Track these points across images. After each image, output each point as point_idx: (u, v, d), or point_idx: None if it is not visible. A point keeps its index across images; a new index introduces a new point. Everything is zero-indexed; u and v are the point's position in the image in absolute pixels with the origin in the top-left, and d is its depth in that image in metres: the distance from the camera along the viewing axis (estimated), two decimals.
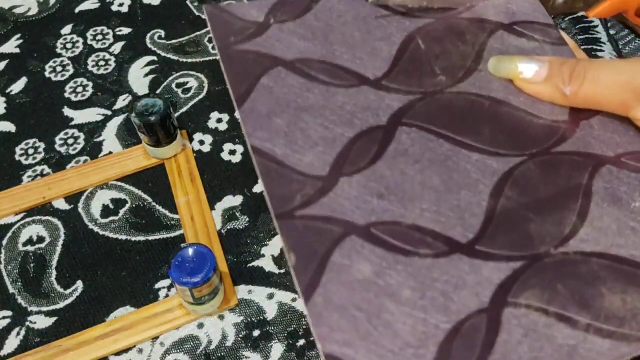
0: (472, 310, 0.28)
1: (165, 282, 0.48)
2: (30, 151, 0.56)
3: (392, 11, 0.38)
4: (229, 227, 0.51)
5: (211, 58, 0.61)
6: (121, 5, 0.66)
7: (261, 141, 0.32)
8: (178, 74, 0.60)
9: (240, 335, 0.46)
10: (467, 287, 0.28)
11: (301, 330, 0.46)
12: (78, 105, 0.59)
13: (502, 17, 0.39)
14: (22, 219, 0.52)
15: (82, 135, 0.56)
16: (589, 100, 0.34)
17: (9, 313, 0.47)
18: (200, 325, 0.46)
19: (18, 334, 0.46)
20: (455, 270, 0.29)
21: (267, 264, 0.49)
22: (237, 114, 0.57)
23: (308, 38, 0.36)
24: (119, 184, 0.53)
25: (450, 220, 0.30)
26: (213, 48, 0.62)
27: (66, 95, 0.59)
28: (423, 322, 0.27)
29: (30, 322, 0.47)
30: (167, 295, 0.48)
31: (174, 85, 0.60)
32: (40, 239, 0.51)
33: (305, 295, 0.27)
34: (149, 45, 0.63)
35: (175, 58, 0.61)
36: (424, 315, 0.27)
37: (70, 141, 0.56)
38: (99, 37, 0.64)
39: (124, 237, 0.51)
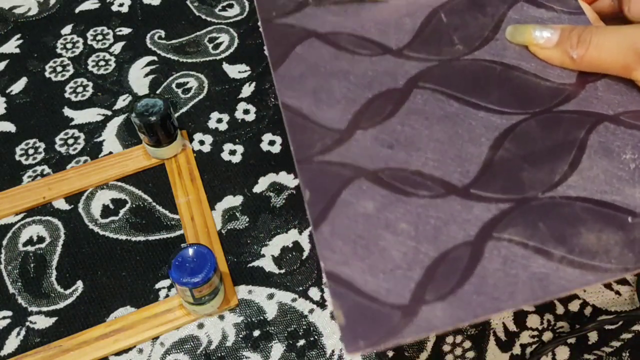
0: (458, 242, 0.31)
1: (165, 282, 0.48)
2: (30, 151, 0.56)
3: None
4: (229, 227, 0.51)
5: (211, 58, 0.61)
6: (121, 5, 0.66)
7: (290, 99, 0.36)
8: (178, 74, 0.60)
9: (240, 335, 0.46)
10: (457, 223, 0.32)
11: (301, 330, 0.46)
12: (78, 105, 0.59)
13: None
14: (22, 219, 0.52)
15: (82, 135, 0.56)
16: (594, 63, 0.36)
17: (9, 313, 0.47)
18: (200, 325, 0.46)
19: (18, 334, 0.46)
20: (449, 208, 0.32)
21: (267, 264, 0.49)
22: (237, 114, 0.57)
23: (341, 14, 0.40)
24: (119, 184, 0.53)
25: (450, 168, 0.34)
26: (213, 48, 0.62)
27: (66, 95, 0.59)
28: (414, 250, 0.31)
29: (30, 322, 0.47)
30: (167, 295, 0.48)
31: (174, 85, 0.60)
32: (40, 239, 0.51)
33: (315, 225, 0.31)
34: (149, 45, 0.63)
35: (175, 58, 0.62)
36: (415, 244, 0.31)
37: (70, 141, 0.56)
38: (99, 37, 0.64)
39: (124, 237, 0.51)
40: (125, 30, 0.64)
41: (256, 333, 0.46)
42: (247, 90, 0.59)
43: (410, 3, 0.41)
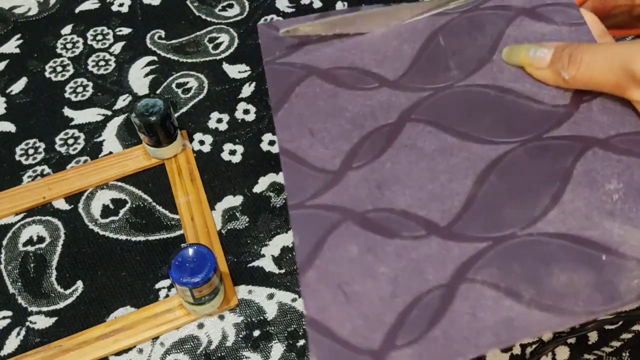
0: (433, 285, 0.31)
1: (165, 282, 0.48)
2: (30, 151, 0.56)
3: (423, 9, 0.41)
4: (229, 227, 0.51)
5: (211, 58, 0.61)
6: (121, 5, 0.66)
7: (287, 142, 0.36)
8: (178, 74, 0.60)
9: (240, 335, 0.46)
10: (435, 265, 0.32)
11: (301, 330, 0.46)
12: (78, 105, 0.59)
13: (524, 1, 0.40)
14: (22, 219, 0.52)
15: (82, 135, 0.56)
16: (587, 83, 0.35)
17: (9, 313, 0.47)
18: (200, 325, 0.46)
19: (18, 334, 0.46)
20: (428, 250, 0.32)
21: (267, 264, 0.49)
22: (237, 114, 0.57)
23: (340, 47, 0.40)
24: (119, 184, 0.53)
25: (434, 206, 0.34)
26: (213, 48, 0.62)
27: (66, 95, 0.59)
28: (390, 294, 0.31)
29: (30, 322, 0.47)
30: (167, 295, 0.48)
31: (174, 85, 0.60)
32: (40, 239, 0.51)
33: (301, 271, 0.32)
34: (149, 45, 0.63)
35: (175, 58, 0.61)
36: (393, 288, 0.31)
37: (70, 141, 0.56)
38: (99, 37, 0.64)
39: (124, 237, 0.51)
40: (125, 30, 0.64)
41: (256, 333, 0.46)
42: (247, 90, 0.59)
43: (409, 28, 0.40)
